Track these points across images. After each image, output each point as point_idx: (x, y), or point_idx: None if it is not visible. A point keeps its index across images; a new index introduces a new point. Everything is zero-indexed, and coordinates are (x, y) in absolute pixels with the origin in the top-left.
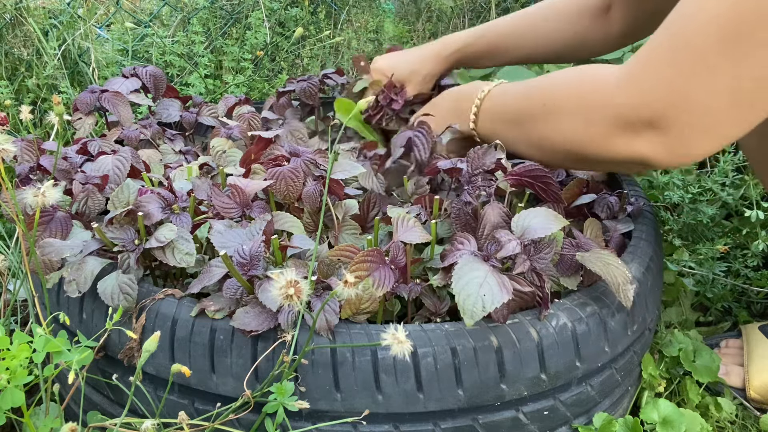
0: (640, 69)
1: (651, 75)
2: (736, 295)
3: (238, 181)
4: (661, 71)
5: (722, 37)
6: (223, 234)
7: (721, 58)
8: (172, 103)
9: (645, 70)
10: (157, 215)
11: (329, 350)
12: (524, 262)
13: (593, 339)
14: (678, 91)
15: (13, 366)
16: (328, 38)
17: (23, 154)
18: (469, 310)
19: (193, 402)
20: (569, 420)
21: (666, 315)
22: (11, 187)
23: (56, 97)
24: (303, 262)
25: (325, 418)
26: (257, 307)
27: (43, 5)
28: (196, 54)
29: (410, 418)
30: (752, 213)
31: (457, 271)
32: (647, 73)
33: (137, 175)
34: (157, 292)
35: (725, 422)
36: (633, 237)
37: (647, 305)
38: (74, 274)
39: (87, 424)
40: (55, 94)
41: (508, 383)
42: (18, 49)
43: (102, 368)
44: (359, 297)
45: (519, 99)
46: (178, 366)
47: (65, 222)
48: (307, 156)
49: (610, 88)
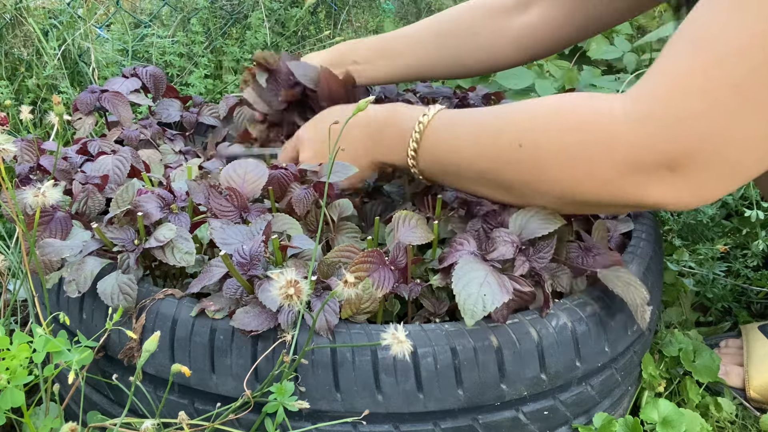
0: (658, 96)
1: (675, 108)
2: (736, 295)
3: (233, 183)
4: (688, 104)
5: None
6: (224, 230)
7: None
8: (172, 103)
9: (665, 97)
10: (155, 215)
11: (329, 350)
12: (523, 264)
13: (593, 339)
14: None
15: (13, 366)
16: (328, 38)
17: (23, 154)
18: (469, 309)
19: (193, 402)
20: (569, 420)
21: (666, 315)
22: (11, 187)
23: (56, 97)
24: (303, 262)
25: (325, 418)
26: (257, 307)
27: (43, 5)
28: (196, 54)
29: (410, 418)
30: (752, 213)
31: (458, 271)
32: (670, 105)
33: (137, 175)
34: (157, 292)
35: (725, 422)
36: (633, 237)
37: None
38: (74, 274)
39: (87, 424)
40: (55, 94)
41: (508, 383)
42: (18, 49)
43: (102, 368)
44: (359, 297)
45: (481, 137)
46: (178, 366)
47: (65, 222)
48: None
49: (617, 124)
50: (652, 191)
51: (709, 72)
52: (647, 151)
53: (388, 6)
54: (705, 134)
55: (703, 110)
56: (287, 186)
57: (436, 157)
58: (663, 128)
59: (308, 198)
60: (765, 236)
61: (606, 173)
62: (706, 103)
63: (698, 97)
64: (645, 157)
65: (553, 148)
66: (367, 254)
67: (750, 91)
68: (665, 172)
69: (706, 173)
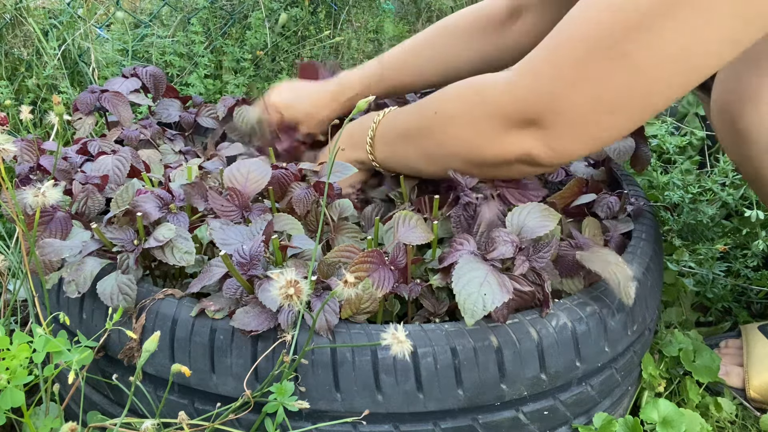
0: (525, 69)
1: (532, 76)
2: (736, 295)
3: (235, 182)
4: (541, 73)
5: (594, 45)
6: (224, 230)
7: (591, 66)
8: (171, 103)
9: (528, 70)
10: (154, 214)
11: (329, 350)
12: (523, 263)
13: (593, 339)
14: (551, 94)
15: (13, 366)
16: (328, 38)
17: (23, 154)
18: (469, 309)
19: (193, 402)
20: (569, 420)
21: (666, 315)
22: (11, 187)
23: (56, 97)
24: (303, 262)
25: (325, 418)
26: (257, 307)
27: (43, 5)
28: (196, 54)
29: (410, 418)
30: (752, 213)
31: (458, 270)
32: (529, 73)
33: (137, 175)
34: (156, 292)
35: (725, 422)
36: (633, 237)
37: (647, 305)
38: (73, 274)
39: (87, 424)
40: (55, 94)
41: (508, 383)
42: (18, 49)
43: (102, 368)
44: (359, 297)
45: (411, 115)
46: (178, 366)
47: (65, 222)
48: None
49: (497, 90)
50: (525, 144)
51: (559, 50)
52: (514, 109)
53: (388, 6)
54: (547, 99)
55: (548, 79)
56: (287, 186)
57: (386, 146)
58: (524, 92)
59: (308, 198)
60: (765, 236)
61: (490, 129)
62: (550, 74)
63: (547, 68)
64: (513, 115)
65: (455, 110)
66: (367, 254)
67: (580, 66)
68: (531, 127)
69: (557, 131)
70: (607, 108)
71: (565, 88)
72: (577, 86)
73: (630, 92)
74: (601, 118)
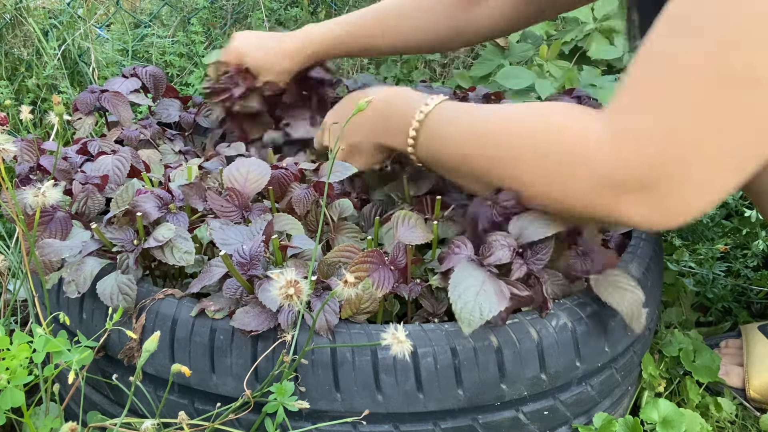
0: (630, 119)
1: (645, 126)
2: (736, 295)
3: (235, 182)
4: (657, 121)
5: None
6: (224, 230)
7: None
8: (171, 103)
9: (636, 120)
10: (154, 214)
11: (329, 350)
12: (521, 267)
13: (593, 339)
14: (682, 145)
15: (13, 366)
16: None
17: (23, 154)
18: (466, 318)
19: (193, 402)
20: (569, 420)
21: (666, 315)
22: (11, 187)
23: (56, 97)
24: (303, 262)
25: (325, 418)
26: (257, 307)
27: (43, 5)
28: (196, 54)
29: (410, 418)
30: (752, 213)
31: (454, 278)
32: (639, 123)
33: (137, 175)
34: (156, 292)
35: (725, 422)
36: (633, 237)
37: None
38: (73, 274)
39: (87, 424)
40: (55, 94)
41: (508, 383)
42: (18, 49)
43: (102, 368)
44: (359, 297)
45: (470, 135)
46: (178, 366)
47: (65, 222)
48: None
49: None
50: (626, 210)
51: (673, 87)
52: (619, 171)
53: None
54: (677, 152)
55: (671, 128)
56: (287, 186)
57: (431, 150)
58: (634, 148)
59: (308, 198)
60: (765, 236)
61: (580, 188)
62: (673, 121)
63: (665, 114)
64: (617, 178)
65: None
66: (367, 254)
67: (710, 112)
68: (639, 191)
69: (682, 191)
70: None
71: (702, 129)
72: (719, 125)
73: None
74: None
